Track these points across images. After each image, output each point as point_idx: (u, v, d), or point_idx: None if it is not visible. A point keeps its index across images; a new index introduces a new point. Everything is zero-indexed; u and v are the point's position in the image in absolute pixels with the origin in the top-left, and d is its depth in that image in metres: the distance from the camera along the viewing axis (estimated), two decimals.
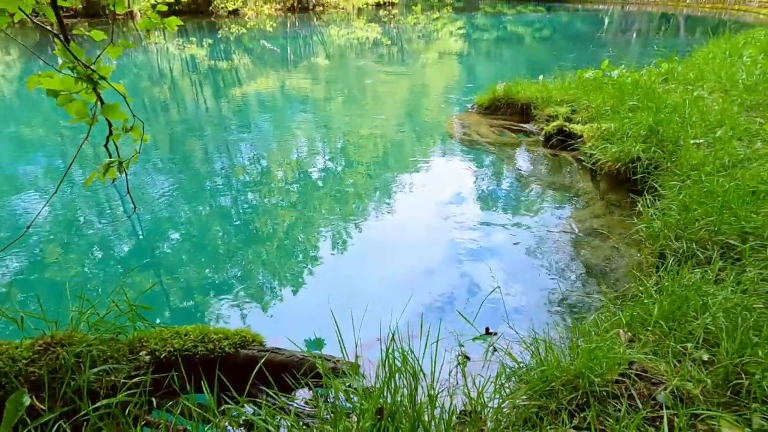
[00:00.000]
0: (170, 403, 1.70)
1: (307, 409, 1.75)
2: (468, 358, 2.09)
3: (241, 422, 1.63)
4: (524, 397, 1.57)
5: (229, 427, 1.61)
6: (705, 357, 1.67)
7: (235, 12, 26.27)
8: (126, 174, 3.43)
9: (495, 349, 2.01)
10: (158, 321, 2.59)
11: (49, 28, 2.71)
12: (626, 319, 1.95)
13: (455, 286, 2.82)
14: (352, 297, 2.72)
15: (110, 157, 3.14)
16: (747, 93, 4.70)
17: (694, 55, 7.52)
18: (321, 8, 29.98)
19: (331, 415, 1.52)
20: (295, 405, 1.76)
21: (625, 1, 32.37)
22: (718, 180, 2.90)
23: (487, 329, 2.31)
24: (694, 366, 1.62)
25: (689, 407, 1.45)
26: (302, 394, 1.88)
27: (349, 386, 1.65)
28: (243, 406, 1.58)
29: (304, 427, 1.57)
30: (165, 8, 2.78)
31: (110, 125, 3.05)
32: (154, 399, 1.62)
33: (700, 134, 3.75)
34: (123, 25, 21.34)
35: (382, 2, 34.79)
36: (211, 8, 25.69)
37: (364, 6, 32.45)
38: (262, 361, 1.75)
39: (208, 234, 3.49)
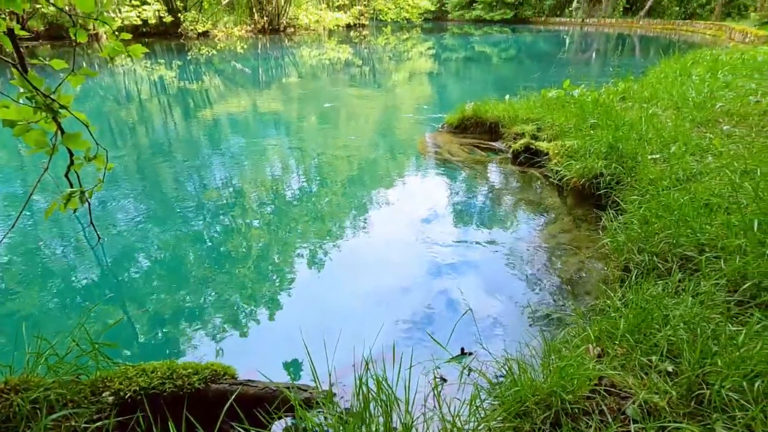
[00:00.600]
0: None
1: None
2: (444, 380, 2.09)
3: None
4: (499, 418, 1.58)
5: None
6: (670, 368, 1.73)
7: (205, 34, 26.18)
8: (89, 203, 3.33)
9: (470, 370, 2.02)
10: (127, 353, 2.48)
11: (6, 56, 2.63)
12: (595, 334, 2.00)
13: (429, 305, 2.83)
14: (326, 321, 2.69)
15: (72, 187, 3.04)
16: (697, 110, 5.01)
17: (648, 75, 7.98)
18: (292, 30, 30.27)
19: None
20: None
21: (583, 22, 34.16)
22: (674, 194, 3.05)
23: (462, 350, 2.32)
24: (660, 378, 1.68)
25: (657, 420, 1.49)
26: (278, 428, 1.83)
27: (325, 418, 1.62)
28: None
29: None
30: (129, 36, 2.76)
31: (71, 155, 2.96)
32: None
33: (657, 150, 3.95)
34: (88, 47, 20.89)
35: (352, 23, 35.49)
36: (180, 30, 25.51)
37: (335, 27, 32.99)
38: (234, 396, 1.69)
39: (176, 262, 3.39)
